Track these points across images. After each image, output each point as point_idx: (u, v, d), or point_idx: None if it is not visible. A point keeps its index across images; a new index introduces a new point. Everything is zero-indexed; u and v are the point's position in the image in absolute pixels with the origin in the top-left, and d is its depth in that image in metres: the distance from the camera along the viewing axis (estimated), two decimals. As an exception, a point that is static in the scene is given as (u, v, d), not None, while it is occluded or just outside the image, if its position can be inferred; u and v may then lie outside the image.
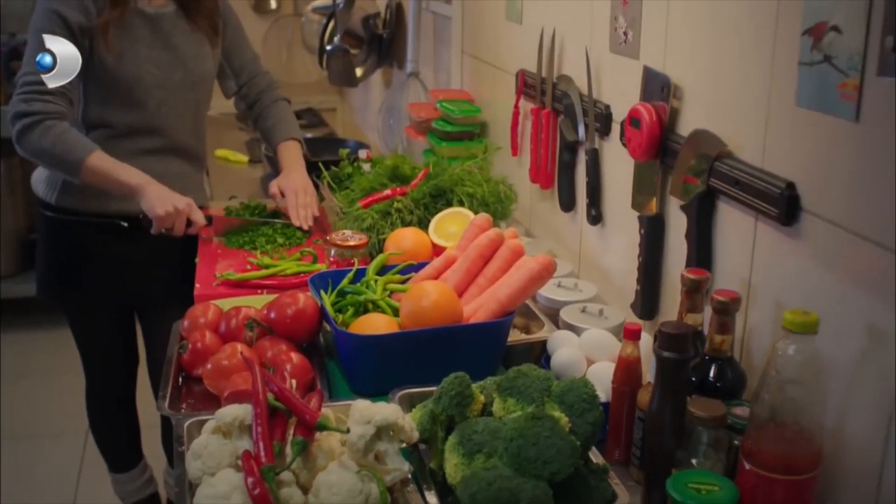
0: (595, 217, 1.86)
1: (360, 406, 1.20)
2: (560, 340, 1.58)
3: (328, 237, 1.98)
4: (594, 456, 1.24)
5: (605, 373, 1.41)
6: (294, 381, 1.35)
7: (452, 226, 1.99)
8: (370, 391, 1.45)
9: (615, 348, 1.44)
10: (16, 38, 4.29)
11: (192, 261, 2.16)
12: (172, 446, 1.33)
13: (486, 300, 1.58)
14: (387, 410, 1.19)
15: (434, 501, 1.18)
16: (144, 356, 2.52)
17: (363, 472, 1.16)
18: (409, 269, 1.76)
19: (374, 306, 1.64)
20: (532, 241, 2.18)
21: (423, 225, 2.04)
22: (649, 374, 1.27)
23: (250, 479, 1.12)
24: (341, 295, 1.66)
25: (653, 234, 1.59)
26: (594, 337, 1.55)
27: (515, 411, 1.21)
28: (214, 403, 1.46)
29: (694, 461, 1.16)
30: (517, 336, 1.68)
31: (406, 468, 1.19)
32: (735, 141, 1.37)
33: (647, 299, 1.63)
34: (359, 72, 3.71)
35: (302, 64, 4.77)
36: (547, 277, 1.58)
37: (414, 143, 2.81)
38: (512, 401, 1.22)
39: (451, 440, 1.21)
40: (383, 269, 1.76)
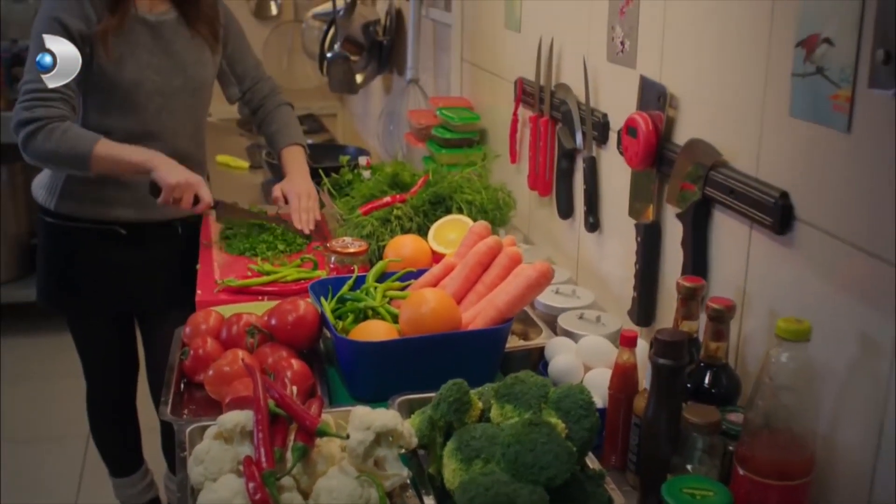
0: (593, 224, 1.87)
1: (360, 412, 1.21)
2: (558, 347, 1.59)
3: (328, 244, 1.99)
4: (591, 461, 1.24)
5: (602, 379, 1.42)
6: (295, 388, 1.35)
7: (451, 233, 1.99)
8: (370, 397, 1.46)
9: (612, 355, 1.44)
10: (17, 45, 4.29)
11: (191, 266, 2.16)
12: (173, 451, 1.34)
13: (484, 307, 1.58)
14: (386, 417, 1.20)
15: (432, 506, 1.18)
16: (144, 361, 2.53)
17: (363, 478, 1.16)
18: (409, 276, 1.76)
19: (374, 313, 1.64)
20: (530, 247, 2.18)
21: (423, 232, 2.04)
22: (645, 380, 1.28)
23: (251, 485, 1.12)
24: (341, 302, 1.66)
25: (649, 242, 1.60)
26: (591, 343, 1.56)
27: (513, 417, 1.21)
28: (216, 409, 1.47)
29: (689, 467, 1.16)
30: (515, 342, 1.69)
31: (405, 473, 1.19)
32: (730, 150, 1.38)
33: (644, 306, 1.63)
34: (359, 78, 3.71)
35: (302, 70, 4.78)
36: (545, 284, 1.59)
37: (414, 149, 2.81)
38: (509, 407, 1.23)
39: (450, 446, 1.21)
40: (383, 276, 1.76)
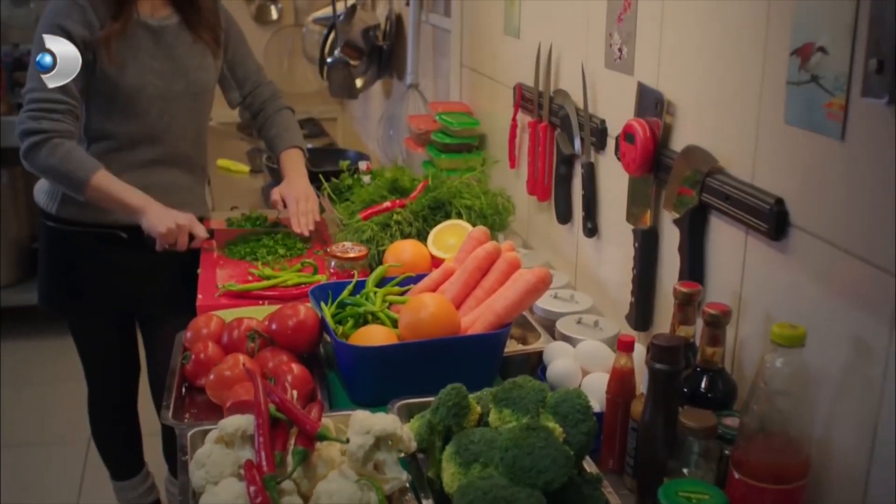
0: (591, 229, 1.88)
1: (360, 417, 1.22)
2: (556, 351, 1.60)
3: (328, 249, 2.00)
4: (588, 465, 1.25)
5: (600, 383, 1.43)
6: (295, 392, 1.36)
7: (451, 238, 2.00)
8: (369, 401, 1.46)
9: (610, 359, 1.45)
10: (19, 49, 4.30)
11: (192, 271, 2.18)
12: (174, 454, 1.35)
13: (483, 312, 1.59)
14: (385, 421, 1.21)
15: (431, 510, 1.19)
16: (145, 364, 2.54)
17: (362, 481, 1.17)
18: (408, 281, 1.77)
19: (374, 318, 1.65)
20: (529, 252, 2.19)
21: (422, 237, 2.05)
22: (643, 384, 1.29)
23: (252, 488, 1.13)
24: (341, 306, 1.67)
25: (647, 248, 1.61)
26: (589, 348, 1.57)
27: (511, 422, 1.22)
28: (217, 413, 1.48)
29: (685, 470, 1.17)
30: (514, 347, 1.69)
31: (404, 477, 1.20)
32: (726, 157, 1.39)
33: (642, 311, 1.64)
34: (359, 83, 3.71)
35: (303, 74, 4.79)
36: (543, 290, 1.60)
37: (413, 154, 2.82)
38: (507, 411, 1.23)
39: (449, 450, 1.22)
40: (382, 281, 1.77)
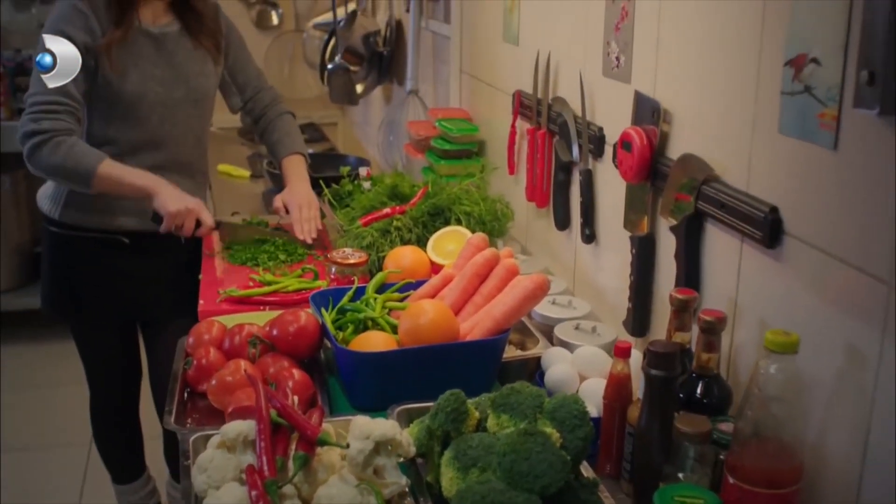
0: (589, 236, 1.89)
1: (360, 422, 1.22)
2: (554, 357, 1.61)
3: (329, 255, 2.01)
4: (585, 470, 1.26)
5: (598, 389, 1.44)
6: (296, 398, 1.37)
7: (450, 244, 2.01)
8: (369, 407, 1.48)
9: (607, 365, 1.46)
10: (20, 54, 4.32)
11: (194, 276, 2.19)
12: (175, 458, 1.36)
13: (481, 318, 1.60)
14: (385, 426, 1.21)
15: (430, 514, 1.21)
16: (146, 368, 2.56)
17: (362, 486, 1.18)
18: (408, 287, 1.78)
19: (374, 324, 1.66)
20: (528, 258, 2.20)
21: (422, 243, 2.06)
22: (639, 390, 1.30)
23: (254, 493, 1.14)
24: (341, 312, 1.68)
25: (644, 255, 1.62)
26: (587, 354, 1.59)
27: (509, 427, 1.23)
28: (219, 418, 1.49)
29: (681, 475, 1.19)
30: (513, 352, 1.71)
31: (403, 482, 1.21)
32: (721, 165, 1.41)
33: (639, 317, 1.66)
34: (359, 88, 3.72)
35: (303, 79, 4.80)
36: (541, 296, 1.61)
37: (413, 160, 2.83)
38: (505, 417, 1.25)
39: (447, 455, 1.23)
40: (382, 287, 1.78)
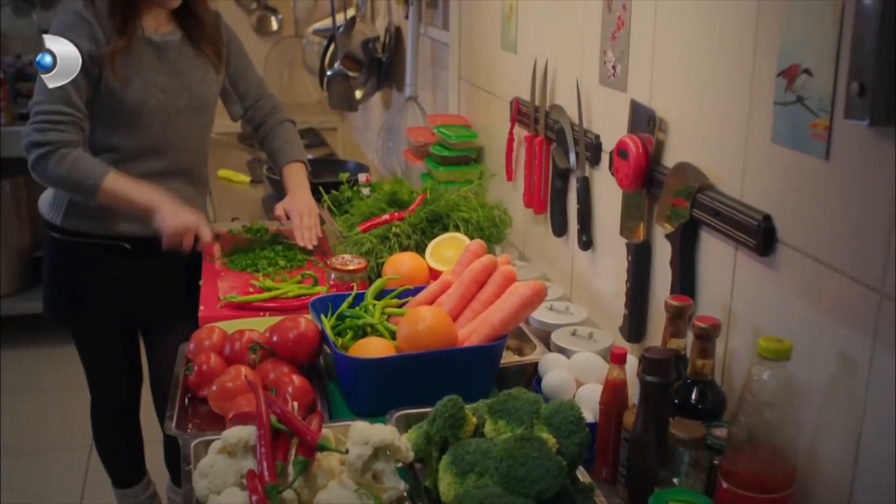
0: (586, 242, 1.91)
1: (359, 427, 1.24)
2: (551, 363, 1.62)
3: (328, 261, 2.02)
4: (581, 475, 1.28)
5: (594, 394, 1.45)
6: (296, 404, 1.38)
7: (449, 250, 2.02)
8: (368, 412, 1.48)
9: (604, 371, 1.47)
10: (21, 60, 4.34)
11: (194, 282, 2.20)
12: (175, 462, 1.37)
13: (479, 324, 1.61)
14: (384, 432, 1.23)
15: (429, 519, 1.22)
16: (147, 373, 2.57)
17: (361, 491, 1.19)
18: (407, 294, 1.79)
19: (373, 330, 1.67)
20: (526, 264, 2.22)
21: (421, 249, 2.07)
22: (635, 396, 1.31)
23: (255, 498, 1.15)
24: (341, 319, 1.69)
25: (640, 261, 1.64)
26: (583, 360, 1.60)
27: (506, 433, 1.24)
28: (219, 423, 1.50)
29: (675, 480, 1.20)
30: (510, 358, 1.72)
31: (402, 487, 1.23)
32: (716, 174, 1.42)
33: (635, 323, 1.67)
34: (358, 94, 3.74)
35: (303, 84, 4.83)
36: (538, 303, 1.62)
37: (412, 166, 2.84)
38: (502, 423, 1.26)
39: (445, 460, 1.24)
40: (381, 294, 1.80)
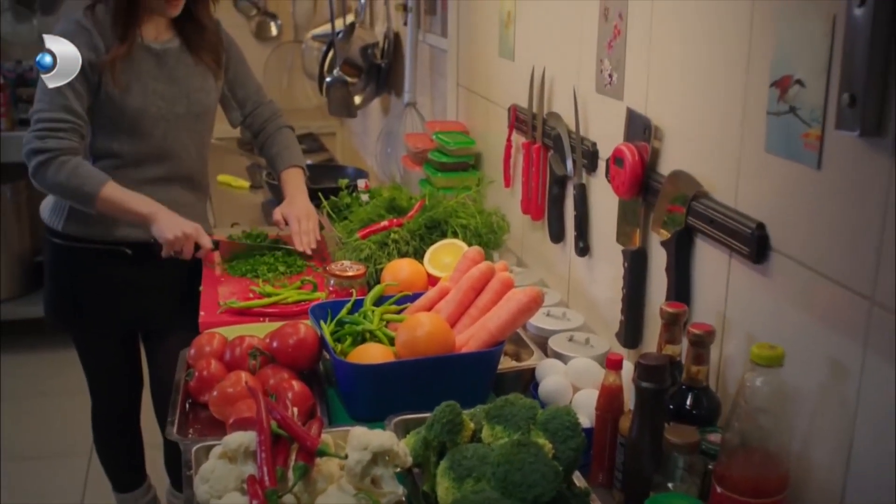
0: (582, 249, 1.92)
1: (358, 433, 1.25)
2: (548, 368, 1.63)
3: (328, 267, 2.04)
4: (577, 480, 1.29)
5: (590, 400, 1.47)
6: (296, 409, 1.40)
7: (447, 256, 2.04)
8: (367, 417, 1.50)
9: (600, 376, 1.47)
10: (21, 66, 4.36)
11: (195, 287, 2.22)
12: (176, 467, 1.38)
13: (477, 330, 1.63)
14: (382, 437, 1.24)
15: (427, 523, 1.24)
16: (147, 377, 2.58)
17: (360, 496, 1.21)
18: (405, 300, 1.81)
19: (372, 336, 1.68)
20: (523, 270, 2.23)
21: (419, 255, 2.09)
22: (630, 401, 1.33)
23: (255, 502, 1.17)
24: (340, 325, 1.70)
25: (636, 268, 1.65)
26: (580, 365, 1.61)
27: (502, 438, 1.26)
28: (220, 429, 1.51)
29: (670, 485, 1.21)
30: (508, 363, 1.73)
31: (400, 491, 1.24)
32: (710, 182, 1.44)
33: (631, 329, 1.68)
34: (357, 100, 3.75)
35: (302, 90, 4.84)
36: (535, 309, 1.64)
37: (410, 172, 2.86)
38: (499, 428, 1.27)
39: (443, 465, 1.25)
40: (380, 300, 1.81)
